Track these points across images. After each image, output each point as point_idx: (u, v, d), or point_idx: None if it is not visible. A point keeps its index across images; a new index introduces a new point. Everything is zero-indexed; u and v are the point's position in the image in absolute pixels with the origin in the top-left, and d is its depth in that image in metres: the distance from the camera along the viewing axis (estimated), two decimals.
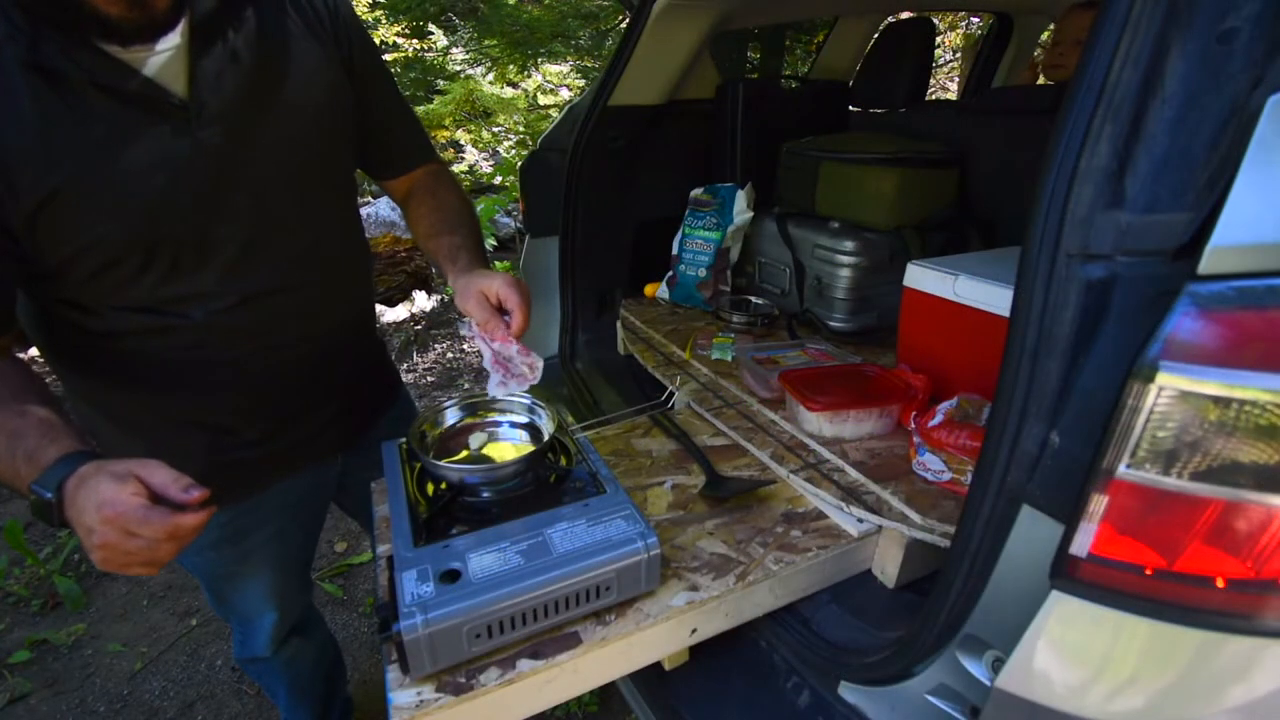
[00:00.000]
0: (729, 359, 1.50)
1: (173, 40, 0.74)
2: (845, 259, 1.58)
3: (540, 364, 0.94)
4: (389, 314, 4.21)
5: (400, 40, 6.37)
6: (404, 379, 2.18)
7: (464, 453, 1.01)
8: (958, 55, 7.46)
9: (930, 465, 1.04)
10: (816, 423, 1.16)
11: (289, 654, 1.32)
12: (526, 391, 0.99)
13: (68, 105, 0.70)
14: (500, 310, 0.92)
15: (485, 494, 0.93)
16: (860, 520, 1.02)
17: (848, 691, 0.90)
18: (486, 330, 0.90)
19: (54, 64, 0.68)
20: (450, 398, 1.06)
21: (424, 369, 3.59)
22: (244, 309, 0.88)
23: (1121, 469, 0.54)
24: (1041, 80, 1.94)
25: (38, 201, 0.70)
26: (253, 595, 1.17)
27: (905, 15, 2.19)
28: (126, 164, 0.73)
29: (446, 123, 6.10)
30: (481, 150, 6.86)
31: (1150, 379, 0.50)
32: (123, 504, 0.64)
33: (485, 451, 1.02)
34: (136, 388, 0.90)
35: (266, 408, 0.99)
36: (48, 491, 0.67)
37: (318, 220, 0.94)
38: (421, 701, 0.74)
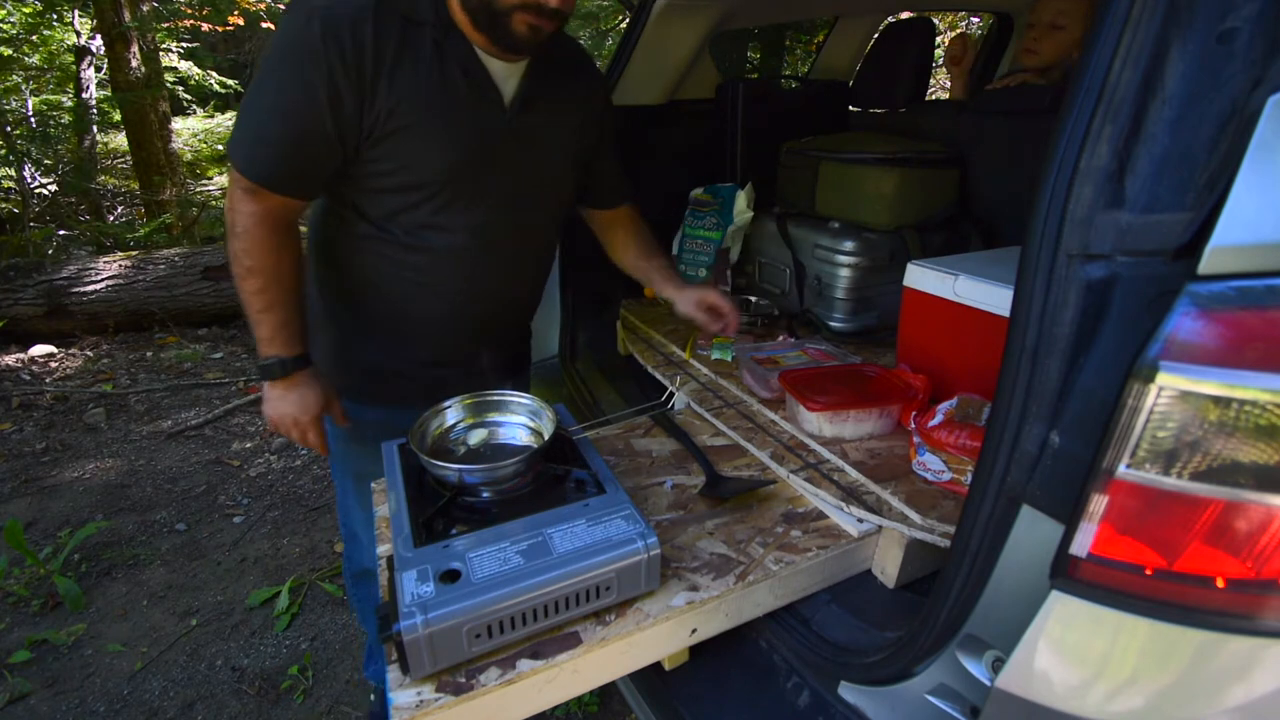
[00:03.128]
0: (729, 359, 1.50)
1: (517, 67, 1.07)
2: (845, 259, 1.57)
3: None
4: None
5: None
6: None
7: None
8: None
9: (930, 465, 1.04)
10: (816, 423, 1.16)
11: (375, 600, 1.36)
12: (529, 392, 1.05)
13: (443, 75, 1.00)
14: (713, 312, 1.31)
15: (485, 494, 0.93)
16: (860, 520, 1.02)
17: (848, 691, 0.90)
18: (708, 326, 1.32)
19: (449, 48, 1.00)
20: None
21: None
22: (466, 252, 1.12)
23: (1121, 469, 0.53)
24: (1001, 82, 1.90)
25: (399, 126, 0.99)
26: None
27: (905, 15, 2.19)
28: (458, 123, 1.03)
29: None
30: None
31: (1150, 379, 0.50)
32: (311, 415, 1.12)
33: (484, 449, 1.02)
34: (362, 286, 1.15)
35: (446, 339, 1.23)
36: (285, 370, 1.08)
37: (539, 215, 1.22)
38: (421, 701, 0.74)
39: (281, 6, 6.58)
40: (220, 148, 6.45)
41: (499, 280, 1.20)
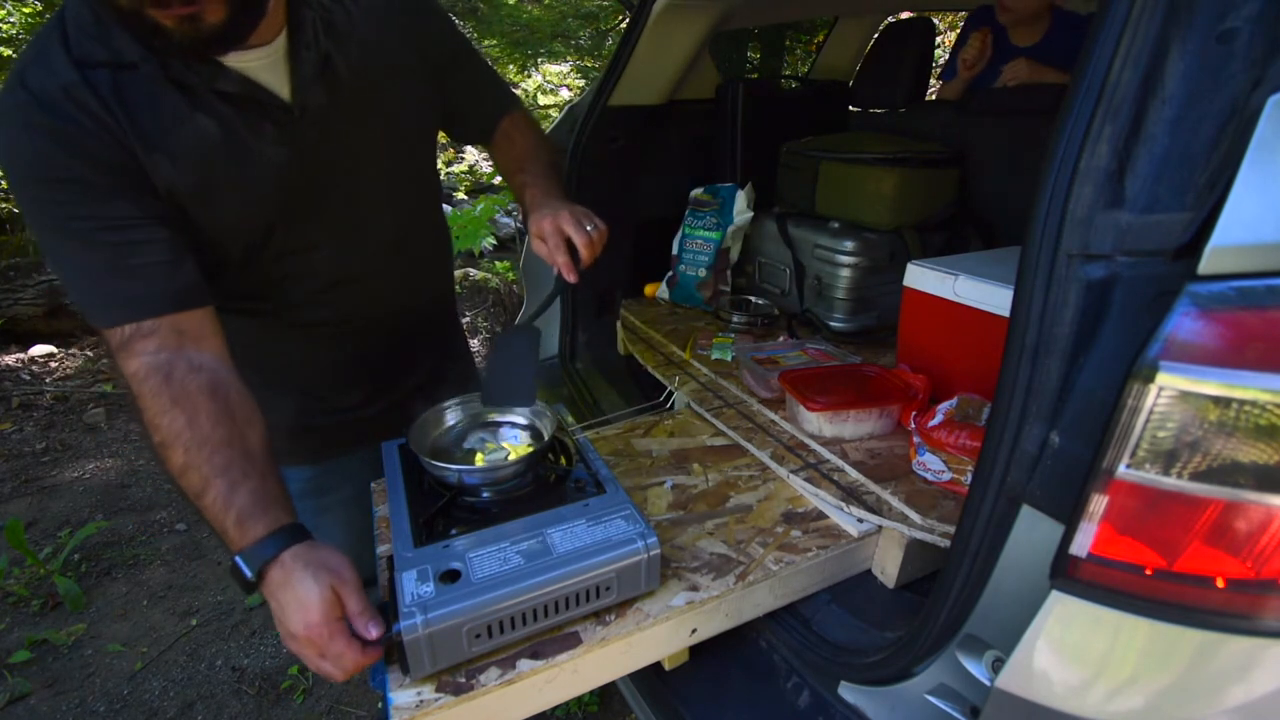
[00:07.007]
0: (729, 359, 1.50)
1: (274, 48, 0.81)
2: (845, 259, 1.57)
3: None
4: None
5: None
6: None
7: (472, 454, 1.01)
8: None
9: (930, 465, 1.04)
10: (816, 423, 1.16)
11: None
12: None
13: (194, 110, 0.78)
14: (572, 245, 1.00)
15: (485, 494, 0.93)
16: (860, 520, 1.02)
17: (848, 691, 0.90)
18: (557, 267, 1.00)
19: (182, 76, 0.77)
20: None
21: None
22: (335, 291, 0.98)
23: (1121, 469, 0.53)
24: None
25: (187, 195, 0.80)
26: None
27: (905, 15, 2.19)
28: (239, 160, 0.82)
29: None
30: (481, 150, 6.87)
31: (1150, 379, 0.50)
32: (322, 628, 0.69)
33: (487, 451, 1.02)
34: (244, 352, 0.97)
35: (351, 382, 1.11)
36: (249, 570, 0.71)
37: (403, 212, 1.03)
38: (421, 702, 0.74)
39: None
40: None
41: (389, 291, 1.04)
